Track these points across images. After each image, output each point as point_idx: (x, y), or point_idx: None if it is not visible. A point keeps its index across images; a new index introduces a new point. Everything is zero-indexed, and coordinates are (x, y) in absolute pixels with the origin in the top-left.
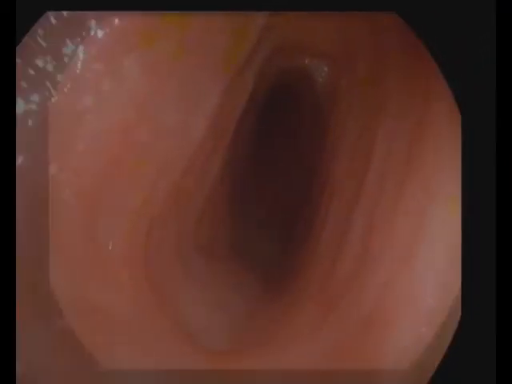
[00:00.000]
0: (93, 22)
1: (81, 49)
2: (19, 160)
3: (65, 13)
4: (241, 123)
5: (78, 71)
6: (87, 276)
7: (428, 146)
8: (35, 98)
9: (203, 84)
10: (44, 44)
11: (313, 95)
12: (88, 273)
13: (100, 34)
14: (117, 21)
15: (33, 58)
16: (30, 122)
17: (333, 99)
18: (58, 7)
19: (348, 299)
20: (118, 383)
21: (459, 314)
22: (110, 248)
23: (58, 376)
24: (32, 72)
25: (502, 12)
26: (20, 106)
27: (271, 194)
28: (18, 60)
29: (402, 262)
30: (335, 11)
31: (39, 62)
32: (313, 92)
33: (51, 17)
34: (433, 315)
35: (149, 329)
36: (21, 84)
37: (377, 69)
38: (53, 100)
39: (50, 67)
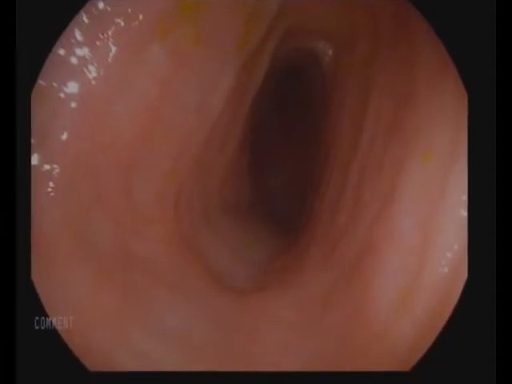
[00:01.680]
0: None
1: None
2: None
3: None
4: (257, 98)
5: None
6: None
7: (412, 112)
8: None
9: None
10: None
11: (319, 73)
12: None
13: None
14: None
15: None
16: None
17: (335, 77)
18: None
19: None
20: None
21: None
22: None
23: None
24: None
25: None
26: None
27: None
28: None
29: (385, 203)
30: None
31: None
32: (319, 70)
33: None
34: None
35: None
36: None
37: (375, 48)
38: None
39: None
